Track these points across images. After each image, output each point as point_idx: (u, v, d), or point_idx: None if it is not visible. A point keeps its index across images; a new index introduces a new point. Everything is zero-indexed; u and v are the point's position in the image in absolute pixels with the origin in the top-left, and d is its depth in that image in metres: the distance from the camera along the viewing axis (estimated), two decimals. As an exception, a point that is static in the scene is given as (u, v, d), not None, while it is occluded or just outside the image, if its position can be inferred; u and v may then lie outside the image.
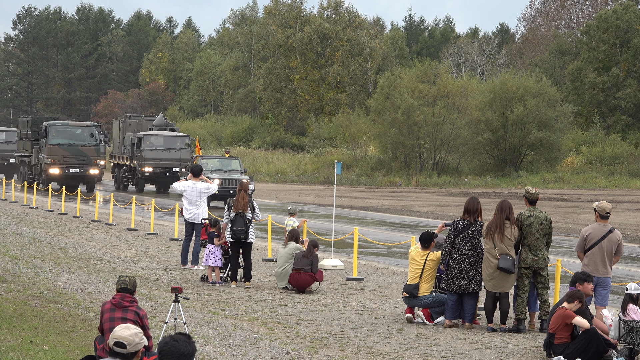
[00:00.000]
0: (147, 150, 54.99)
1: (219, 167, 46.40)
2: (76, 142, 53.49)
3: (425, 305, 16.69)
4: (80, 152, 53.33)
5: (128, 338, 8.06)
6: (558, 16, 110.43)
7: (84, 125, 55.30)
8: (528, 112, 71.21)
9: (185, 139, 56.59)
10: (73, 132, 54.05)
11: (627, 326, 14.30)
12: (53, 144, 52.90)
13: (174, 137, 56.42)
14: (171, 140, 56.03)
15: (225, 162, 47.26)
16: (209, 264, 20.89)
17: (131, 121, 60.45)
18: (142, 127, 59.25)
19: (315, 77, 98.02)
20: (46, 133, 52.97)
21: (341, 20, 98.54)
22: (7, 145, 68.26)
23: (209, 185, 23.37)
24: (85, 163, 53.38)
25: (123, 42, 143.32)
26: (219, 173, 45.37)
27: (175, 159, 55.12)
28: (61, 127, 53.99)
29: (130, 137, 56.90)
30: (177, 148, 55.59)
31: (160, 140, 55.87)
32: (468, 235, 16.30)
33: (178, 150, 55.52)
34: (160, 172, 55.39)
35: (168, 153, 55.25)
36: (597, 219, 15.81)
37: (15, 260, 23.47)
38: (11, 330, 14.66)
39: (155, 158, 54.75)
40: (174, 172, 54.61)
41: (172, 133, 57.15)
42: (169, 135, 56.57)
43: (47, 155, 52.97)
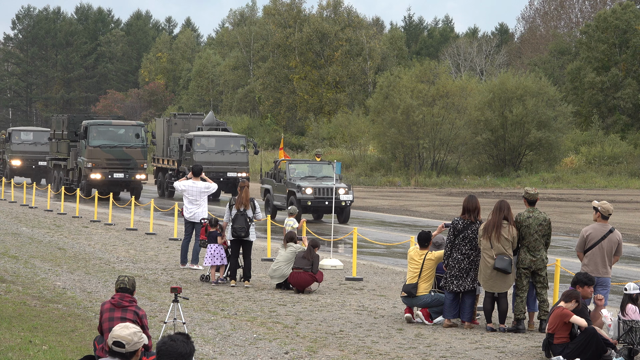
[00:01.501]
0: (199, 152, 48.92)
1: (310, 174, 39.11)
2: (120, 143, 47.80)
3: (424, 305, 16.69)
4: (125, 154, 47.67)
5: (127, 337, 8.06)
6: (557, 16, 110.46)
7: (129, 125, 49.52)
8: (527, 112, 71.21)
9: (241, 139, 50.68)
10: (116, 132, 48.39)
11: (627, 326, 14.31)
12: (94, 145, 47.26)
13: (227, 137, 50.49)
14: (224, 141, 50.09)
15: (316, 168, 39.73)
16: (215, 263, 20.86)
17: (177, 120, 54.35)
18: (189, 126, 53.40)
19: (314, 77, 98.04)
20: (86, 133, 47.32)
21: (340, 20, 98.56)
22: (35, 147, 61.37)
23: (209, 185, 23.39)
24: (130, 167, 47.76)
25: (122, 42, 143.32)
26: (310, 181, 38.28)
27: (230, 162, 49.36)
28: (103, 126, 48.23)
29: (178, 138, 51.24)
30: (232, 150, 49.62)
31: (212, 141, 49.94)
32: (468, 235, 16.30)
33: (233, 153, 49.57)
34: (213, 177, 47.22)
35: (222, 156, 49.31)
36: (598, 219, 15.80)
37: (15, 260, 23.47)
38: (10, 330, 14.66)
39: (207, 161, 48.21)
40: (228, 178, 48.95)
41: (226, 133, 51.28)
42: (222, 135, 50.61)
43: (87, 159, 47.32)
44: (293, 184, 37.82)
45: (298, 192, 37.16)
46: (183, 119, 54.27)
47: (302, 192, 37.10)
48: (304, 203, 37.15)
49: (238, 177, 48.28)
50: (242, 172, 49.02)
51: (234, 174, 48.90)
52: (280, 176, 39.37)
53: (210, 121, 52.89)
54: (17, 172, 60.67)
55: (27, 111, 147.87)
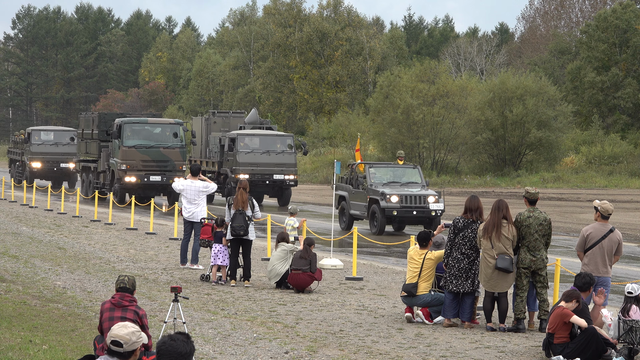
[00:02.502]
0: (242, 153, 45.24)
1: (393, 179, 34.49)
2: (157, 143, 44.19)
3: (424, 305, 16.69)
4: (163, 155, 43.98)
5: (124, 337, 8.06)
6: (557, 16, 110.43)
7: (166, 123, 45.78)
8: (527, 112, 71.18)
9: (288, 139, 46.97)
10: (152, 131, 44.76)
11: (627, 325, 14.30)
12: (129, 145, 43.60)
13: (273, 137, 46.83)
14: (270, 140, 46.49)
15: (399, 172, 35.03)
16: (217, 263, 20.88)
17: (216, 118, 50.48)
18: (229, 125, 49.83)
19: (314, 77, 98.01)
20: (120, 132, 43.69)
21: (340, 20, 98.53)
22: (57, 147, 57.27)
23: (207, 184, 23.39)
24: (168, 169, 44.01)
25: (122, 42, 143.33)
26: (394, 187, 33.81)
27: (276, 163, 45.70)
28: (138, 124, 44.57)
29: (219, 137, 47.71)
30: (278, 150, 46.05)
31: (257, 140, 46.36)
32: (468, 235, 16.30)
33: (279, 154, 45.97)
34: (258, 179, 45.45)
35: (267, 157, 45.70)
36: (598, 218, 15.81)
37: (15, 260, 23.47)
38: (10, 330, 14.65)
39: (252, 163, 45.14)
40: (274, 180, 45.56)
41: (272, 132, 47.66)
42: (268, 135, 46.98)
43: (121, 160, 43.64)
44: (375, 191, 33.35)
45: (382, 200, 32.81)
46: (223, 117, 50.74)
47: (386, 200, 32.81)
48: (389, 213, 32.92)
49: (285, 180, 45.49)
50: (290, 174, 45.77)
51: (281, 176, 45.51)
52: (359, 182, 34.82)
53: (253, 119, 49.84)
54: (38, 175, 56.90)
55: (27, 111, 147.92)
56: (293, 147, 46.43)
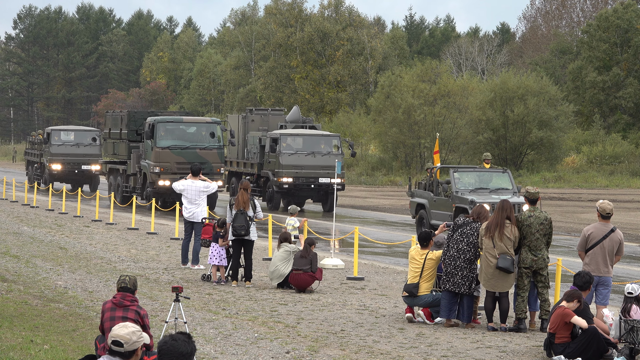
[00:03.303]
0: (286, 154, 41.83)
1: (480, 185, 30.85)
2: (193, 144, 40.98)
3: (425, 305, 16.69)
4: (199, 157, 40.37)
5: (125, 337, 8.07)
6: (559, 15, 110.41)
7: (203, 122, 42.54)
8: (529, 112, 71.18)
9: (334, 139, 43.41)
10: (188, 130, 41.66)
11: (628, 325, 14.30)
12: (162, 146, 40.33)
13: (318, 137, 43.23)
14: (315, 141, 42.90)
15: (485, 177, 31.51)
16: (214, 262, 20.89)
17: (254, 116, 46.87)
18: (268, 124, 46.29)
19: (315, 77, 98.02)
20: (153, 132, 40.46)
21: (342, 20, 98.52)
22: (78, 149, 53.74)
23: (207, 184, 23.40)
24: (205, 172, 37.81)
25: (124, 42, 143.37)
26: (481, 194, 30.20)
27: (322, 165, 42.10)
28: (173, 123, 41.31)
29: (259, 137, 44.23)
30: (324, 152, 42.52)
31: (300, 141, 42.80)
32: (466, 231, 16.29)
33: (325, 155, 42.34)
34: (303, 183, 42.30)
35: (312, 158, 42.24)
36: (599, 218, 15.83)
37: (16, 260, 23.48)
38: (12, 330, 14.66)
39: (296, 165, 41.74)
40: (320, 184, 42.22)
41: (316, 132, 44.06)
42: (312, 134, 43.40)
43: (154, 162, 40.47)
44: (463, 199, 29.89)
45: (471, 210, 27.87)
46: (261, 115, 47.10)
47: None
48: None
49: (331, 184, 41.66)
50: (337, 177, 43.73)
51: (327, 179, 42.01)
52: (444, 187, 31.34)
53: (295, 117, 45.99)
54: (57, 178, 53.82)
55: (29, 111, 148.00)
56: (339, 148, 43.12)
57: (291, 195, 42.70)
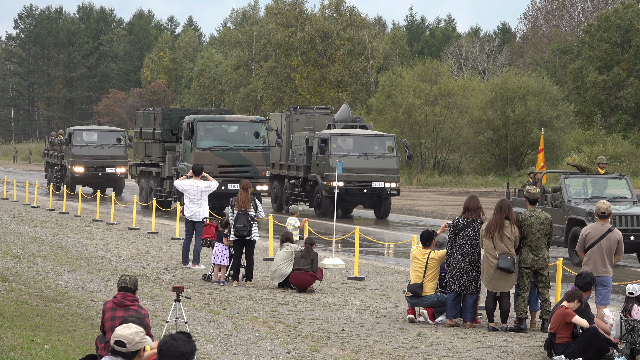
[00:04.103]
0: (336, 156, 38.37)
1: (595, 193, 26.88)
2: (236, 145, 37.88)
3: (430, 305, 16.67)
4: (243, 159, 37.74)
5: (128, 337, 8.07)
6: (559, 15, 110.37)
7: (246, 121, 39.38)
8: (529, 112, 71.21)
9: (388, 140, 40.29)
10: (230, 130, 38.59)
11: (629, 325, 14.30)
12: (203, 147, 37.34)
13: (371, 137, 40.33)
14: (367, 142, 40.03)
15: (601, 184, 27.76)
16: (216, 262, 20.89)
17: (299, 115, 43.51)
18: (314, 123, 43.06)
19: (316, 77, 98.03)
20: (192, 132, 37.49)
21: (342, 20, 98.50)
22: (102, 150, 50.78)
23: (209, 184, 23.40)
24: (249, 175, 37.23)
25: (124, 42, 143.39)
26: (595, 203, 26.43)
27: (376, 169, 39.27)
28: (215, 122, 38.29)
29: (305, 137, 41.14)
30: (377, 154, 39.58)
31: (350, 141, 39.86)
32: (468, 234, 16.30)
33: (379, 157, 39.50)
34: (354, 188, 39.24)
35: (365, 161, 39.23)
36: (597, 218, 15.88)
37: (17, 260, 23.48)
38: (12, 330, 14.66)
39: (348, 168, 38.34)
40: (373, 189, 39.23)
41: (369, 132, 41.05)
42: (364, 135, 40.39)
43: None
44: (578, 209, 26.01)
45: (589, 222, 24.23)
46: (307, 114, 43.81)
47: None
48: None
49: (386, 189, 39.24)
50: (392, 181, 39.40)
51: (381, 184, 39.20)
52: (553, 196, 27.31)
53: (344, 116, 42.88)
54: (80, 181, 50.88)
55: (29, 110, 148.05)
56: (394, 150, 39.93)
57: (341, 201, 38.96)
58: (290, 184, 41.78)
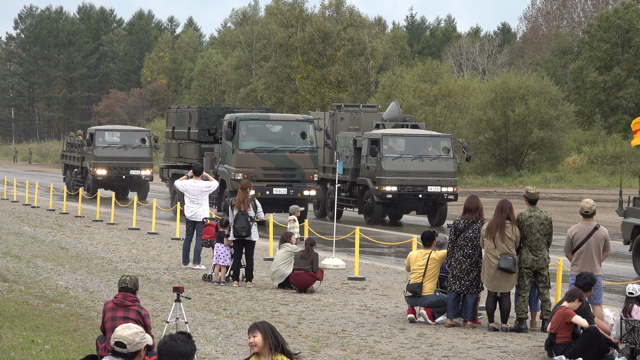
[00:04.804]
0: (389, 159, 35.89)
1: None
2: (282, 146, 34.90)
3: (429, 305, 16.67)
4: (289, 162, 34.68)
5: (128, 338, 8.08)
6: (559, 15, 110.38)
7: (292, 120, 36.31)
8: (529, 112, 71.18)
9: (443, 140, 37.45)
10: (274, 130, 35.73)
11: (629, 325, 14.30)
12: (246, 149, 34.37)
13: (424, 138, 37.46)
14: (421, 142, 37.07)
15: None
16: (219, 262, 20.88)
17: (343, 114, 40.78)
18: (360, 122, 40.46)
19: (316, 77, 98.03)
20: (234, 132, 34.64)
21: (343, 20, 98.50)
22: (125, 151, 47.92)
23: (210, 184, 23.40)
24: (295, 179, 34.61)
25: (124, 42, 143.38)
26: None
27: (431, 172, 36.32)
28: (259, 122, 35.39)
29: (353, 138, 38.28)
30: (432, 155, 36.63)
31: (402, 142, 36.92)
32: (469, 235, 16.30)
33: (434, 159, 36.50)
34: (409, 192, 36.24)
35: (419, 163, 36.26)
36: (582, 217, 15.94)
37: (17, 260, 23.48)
38: (13, 330, 14.66)
39: (401, 171, 35.88)
40: (429, 194, 35.96)
41: (422, 132, 38.21)
42: (418, 135, 37.49)
43: (235, 168, 34.44)
44: None
45: None
46: (351, 113, 41.09)
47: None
48: None
49: (442, 194, 36.21)
50: (449, 186, 36.31)
51: (437, 188, 36.14)
52: None
53: (394, 115, 39.96)
54: (102, 184, 48.17)
55: (30, 111, 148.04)
56: (451, 151, 37.03)
57: (394, 207, 36.85)
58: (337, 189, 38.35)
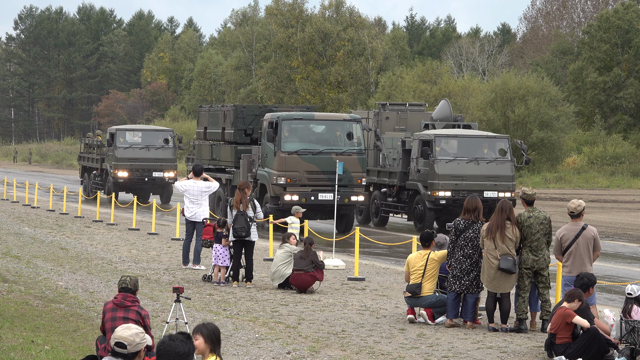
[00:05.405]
0: (442, 162, 33.58)
1: None
2: (327, 147, 32.66)
3: (428, 305, 16.68)
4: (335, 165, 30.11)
5: (128, 338, 8.08)
6: (559, 16, 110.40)
7: (339, 119, 33.94)
8: (529, 112, 71.18)
9: (500, 141, 34.98)
10: (317, 130, 33.48)
11: (629, 326, 14.30)
12: (289, 151, 32.19)
13: (480, 139, 35.06)
14: (476, 144, 34.63)
15: None
16: (218, 263, 20.89)
17: (389, 113, 38.38)
18: (406, 122, 38.02)
19: (316, 77, 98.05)
20: (276, 132, 32.41)
21: (342, 20, 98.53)
22: (148, 152, 45.80)
23: (209, 184, 23.41)
24: (342, 184, 31.59)
25: (124, 42, 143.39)
26: None
27: (487, 176, 33.88)
28: (302, 121, 33.17)
29: (401, 139, 35.96)
30: (489, 158, 34.23)
31: (454, 144, 34.60)
32: (469, 236, 16.30)
33: (491, 162, 34.11)
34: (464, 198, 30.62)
35: (475, 167, 33.87)
36: (570, 218, 15.96)
37: (17, 260, 23.48)
38: (12, 330, 14.67)
39: (455, 175, 33.54)
40: (485, 200, 31.58)
41: (476, 132, 35.76)
42: (474, 136, 35.07)
43: (277, 171, 32.25)
44: None
45: None
46: (397, 112, 38.59)
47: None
48: None
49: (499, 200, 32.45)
50: (506, 190, 33.85)
51: (494, 193, 33.57)
52: None
53: (444, 114, 37.54)
54: (123, 186, 46.12)
55: (30, 111, 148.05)
56: (508, 153, 34.58)
57: (446, 213, 34.11)
58: (382, 193, 36.50)
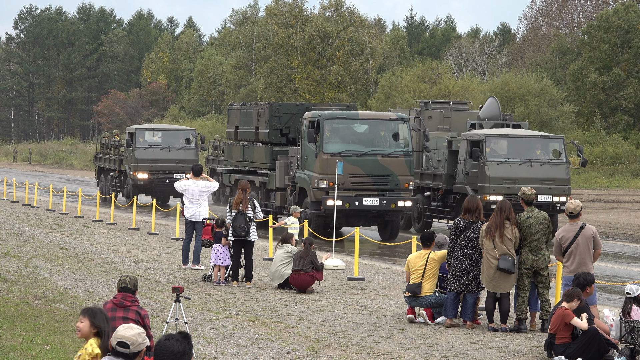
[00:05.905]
0: (493, 163, 31.59)
1: None
2: (372, 149, 30.74)
3: (428, 305, 16.67)
4: (381, 167, 30.52)
5: (131, 338, 8.09)
6: (559, 16, 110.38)
7: (384, 119, 31.81)
8: (529, 112, 71.22)
9: (553, 142, 32.96)
10: (362, 130, 31.41)
11: (628, 326, 14.30)
12: (332, 152, 30.18)
13: (532, 139, 33.09)
14: (528, 145, 32.65)
15: None
16: (217, 263, 20.87)
17: (431, 111, 36.33)
18: (450, 121, 36.15)
19: (316, 77, 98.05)
20: (317, 132, 30.41)
21: (342, 20, 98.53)
22: (169, 153, 43.81)
23: (209, 184, 23.41)
24: (389, 188, 30.49)
25: (124, 42, 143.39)
26: None
27: (541, 179, 31.69)
28: (346, 121, 31.11)
29: (446, 139, 34.05)
30: (543, 160, 32.14)
31: (504, 144, 32.56)
32: (469, 236, 16.30)
33: (544, 165, 32.05)
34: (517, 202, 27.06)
35: (527, 169, 31.77)
36: (568, 219, 15.95)
37: (17, 260, 23.48)
38: (12, 330, 14.66)
39: (506, 178, 31.59)
40: (538, 204, 29.31)
41: (528, 132, 33.81)
42: (525, 136, 33.06)
43: (319, 174, 30.29)
44: None
45: None
46: (441, 110, 36.52)
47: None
48: None
49: (554, 204, 31.59)
50: (562, 194, 31.77)
51: (549, 197, 31.57)
52: None
53: (493, 113, 35.52)
54: (142, 189, 44.06)
55: (29, 111, 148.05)
56: (563, 154, 32.38)
57: None
58: (425, 197, 34.65)
